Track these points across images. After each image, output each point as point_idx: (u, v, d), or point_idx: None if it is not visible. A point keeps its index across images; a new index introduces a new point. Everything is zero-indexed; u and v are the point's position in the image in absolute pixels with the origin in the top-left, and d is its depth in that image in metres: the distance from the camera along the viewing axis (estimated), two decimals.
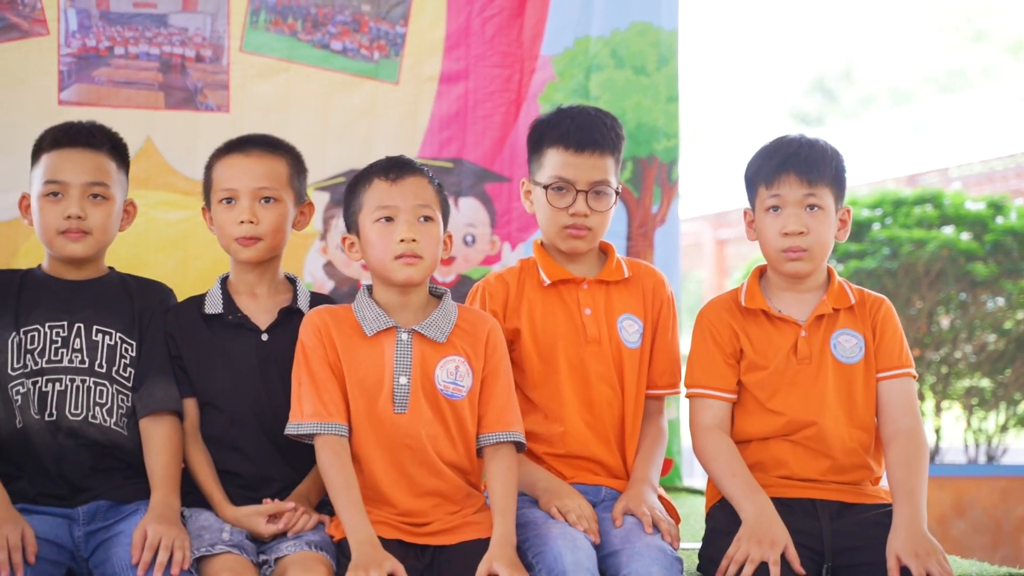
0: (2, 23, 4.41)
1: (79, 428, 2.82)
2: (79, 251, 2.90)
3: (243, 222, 2.92)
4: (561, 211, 3.03)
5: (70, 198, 2.89)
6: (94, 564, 2.71)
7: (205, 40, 4.57)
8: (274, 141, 3.05)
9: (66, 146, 2.95)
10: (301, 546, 2.70)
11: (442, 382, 2.83)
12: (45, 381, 2.83)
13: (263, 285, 3.01)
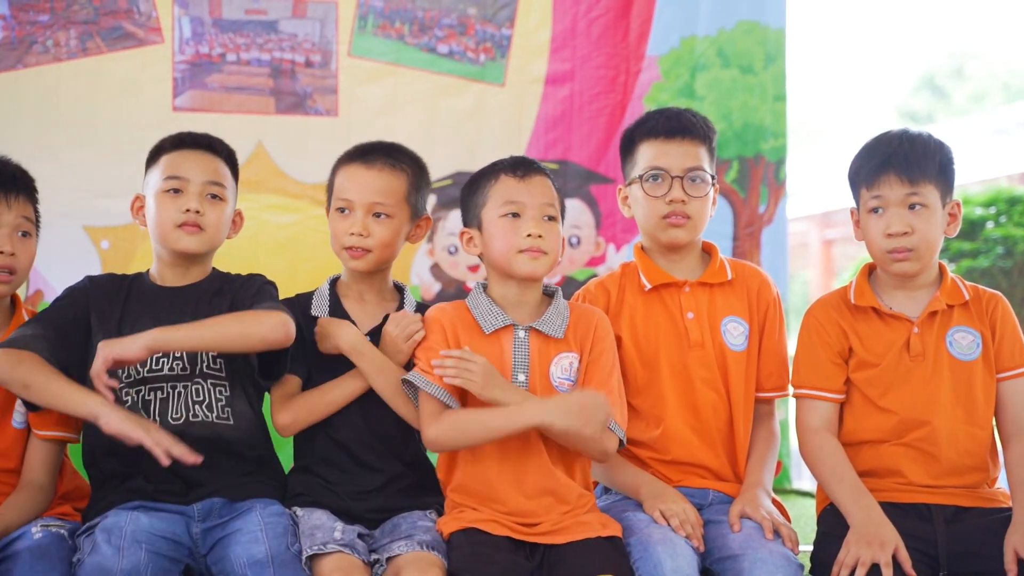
0: (119, 32, 4.52)
1: (183, 430, 2.85)
2: (193, 245, 2.95)
3: (354, 234, 2.95)
4: (658, 200, 3.02)
5: (189, 194, 2.95)
6: (211, 561, 2.75)
7: (314, 45, 4.63)
8: (399, 153, 3.05)
9: (188, 147, 3.02)
10: (413, 546, 2.71)
11: (557, 378, 2.84)
12: (148, 390, 2.89)
13: (371, 292, 3.05)
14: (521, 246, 2.81)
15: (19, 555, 2.61)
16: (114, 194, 4.53)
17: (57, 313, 2.90)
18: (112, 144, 4.55)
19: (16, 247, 2.89)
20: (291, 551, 2.68)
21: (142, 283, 3.01)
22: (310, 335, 2.96)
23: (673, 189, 3.01)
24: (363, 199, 2.96)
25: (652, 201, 3.03)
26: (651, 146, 3.04)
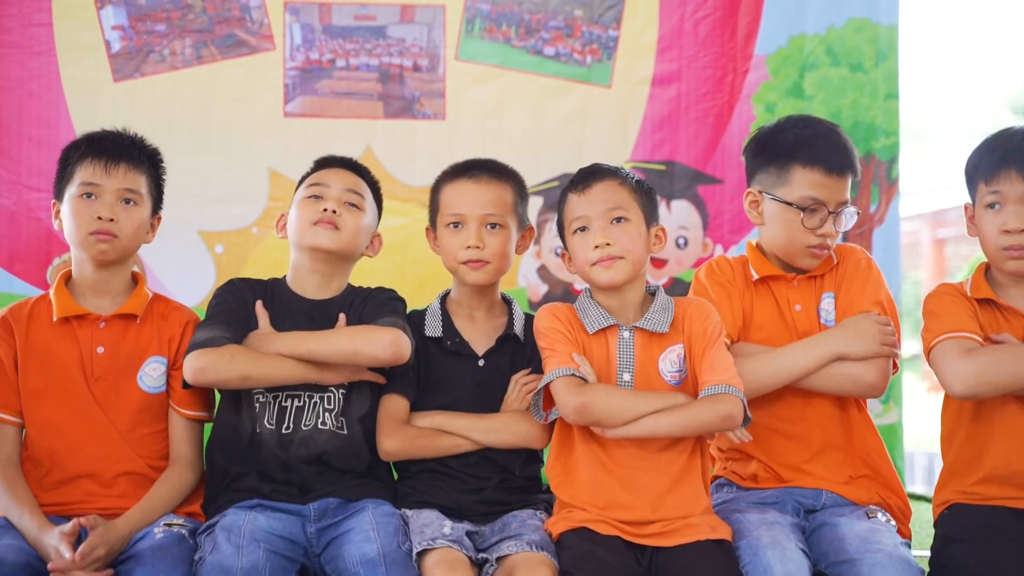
0: (232, 40, 4.61)
1: (310, 436, 2.94)
2: (327, 241, 3.00)
3: (470, 247, 2.98)
4: (808, 231, 2.98)
5: (328, 199, 3.01)
6: (325, 560, 2.79)
7: (422, 50, 4.68)
8: (500, 167, 3.10)
9: (333, 166, 3.12)
10: (522, 546, 2.72)
11: (667, 373, 2.84)
12: (285, 396, 2.96)
13: (482, 309, 3.07)
14: (592, 259, 2.84)
15: (141, 554, 2.67)
16: (227, 199, 4.62)
17: (226, 311, 2.96)
18: (225, 150, 4.64)
19: (118, 214, 2.94)
20: (402, 549, 2.71)
21: (283, 291, 3.06)
22: (423, 355, 3.00)
23: (827, 224, 2.98)
24: (475, 212, 2.99)
25: (803, 232, 2.98)
26: (812, 174, 2.98)
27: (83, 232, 2.90)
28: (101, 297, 2.97)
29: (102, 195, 2.92)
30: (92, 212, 2.90)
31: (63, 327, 2.93)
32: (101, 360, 2.92)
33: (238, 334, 2.91)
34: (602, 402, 2.76)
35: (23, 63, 4.54)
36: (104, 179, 2.92)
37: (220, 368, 2.82)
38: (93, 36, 4.56)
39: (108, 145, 2.97)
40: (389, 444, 2.94)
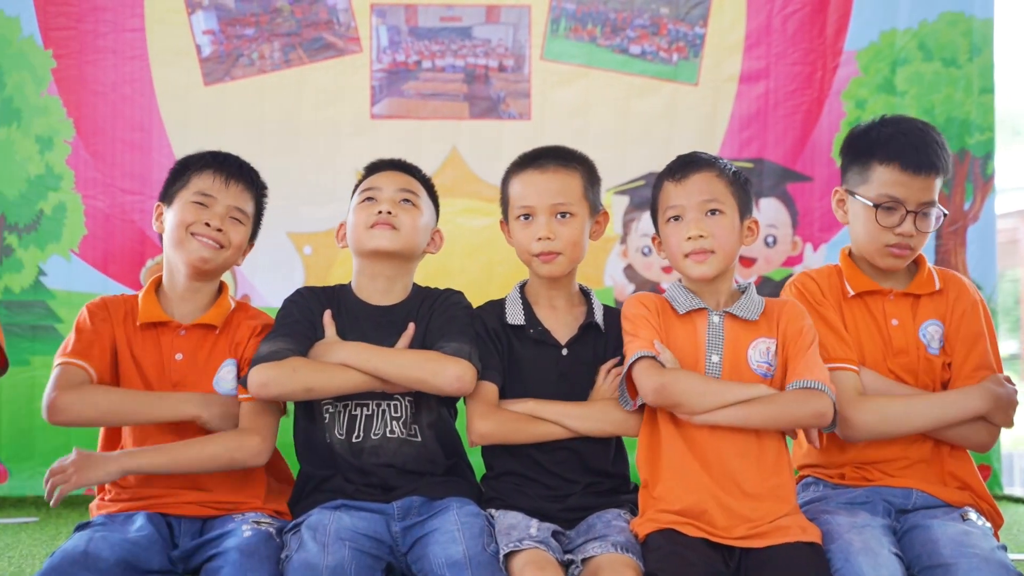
0: (319, 43, 4.65)
1: (380, 445, 2.95)
2: (386, 242, 3.00)
3: (541, 238, 2.96)
4: (886, 230, 2.94)
5: (382, 200, 3.02)
6: (412, 560, 2.79)
7: (508, 50, 4.68)
8: (567, 153, 3.07)
9: (384, 169, 3.12)
10: (608, 547, 2.71)
11: (756, 362, 2.82)
12: (354, 406, 2.97)
13: (561, 298, 3.05)
14: (684, 250, 2.83)
15: (229, 553, 2.69)
16: (316, 201, 4.67)
17: (291, 323, 2.97)
18: (313, 152, 4.69)
19: (227, 227, 2.99)
20: (488, 551, 2.70)
21: (348, 298, 3.08)
22: (506, 343, 2.98)
23: (905, 223, 2.94)
24: (544, 202, 2.97)
25: (880, 230, 2.96)
26: (890, 172, 2.95)
27: (187, 232, 2.95)
28: (186, 306, 3.01)
29: (214, 206, 2.97)
30: (202, 217, 2.95)
31: (147, 330, 2.98)
32: (179, 366, 2.96)
33: (302, 345, 2.92)
34: (682, 384, 2.74)
35: (117, 68, 4.63)
36: (221, 192, 2.98)
37: (283, 382, 2.84)
38: (184, 41, 4.63)
39: (231, 163, 3.04)
40: (483, 426, 2.91)
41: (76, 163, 4.61)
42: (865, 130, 3.05)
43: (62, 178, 4.60)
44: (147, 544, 2.77)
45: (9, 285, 4.54)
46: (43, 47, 4.58)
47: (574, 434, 2.92)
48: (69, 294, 4.60)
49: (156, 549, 2.79)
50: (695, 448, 2.79)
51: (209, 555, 2.75)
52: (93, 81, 4.61)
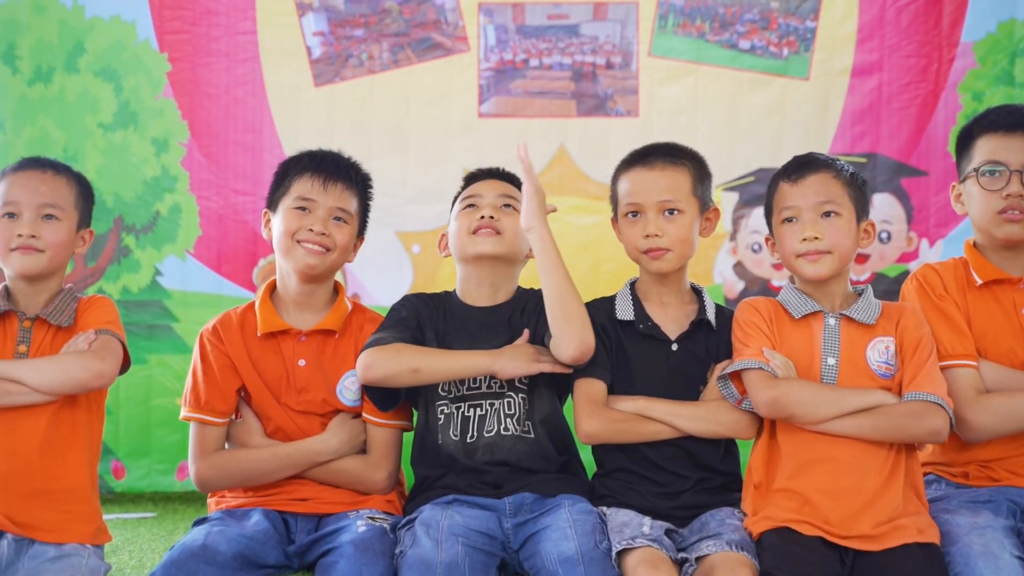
0: (428, 43, 4.68)
1: (494, 443, 2.96)
2: (489, 247, 3.01)
3: (649, 235, 2.95)
4: (993, 194, 2.91)
5: (483, 206, 3.03)
6: (524, 557, 2.79)
7: (615, 47, 4.66)
8: (676, 150, 3.05)
9: (482, 179, 3.14)
10: (722, 546, 2.68)
11: (875, 363, 2.77)
12: (467, 407, 2.98)
13: (671, 294, 3.03)
14: (798, 251, 2.82)
15: (344, 547, 2.72)
16: (424, 200, 4.69)
17: (399, 320, 3.01)
18: (421, 151, 4.71)
19: (331, 230, 3.02)
20: (600, 548, 2.69)
21: (453, 303, 3.09)
22: (616, 339, 2.97)
23: (1011, 183, 2.90)
24: (651, 199, 2.95)
25: (987, 196, 2.93)
26: (989, 140, 2.95)
27: (292, 240, 2.98)
28: (303, 311, 3.04)
29: (316, 210, 3.00)
30: (305, 224, 2.98)
31: (267, 340, 3.02)
32: (303, 373, 3.00)
33: (407, 337, 2.95)
34: (796, 395, 2.71)
35: (229, 70, 4.70)
36: (321, 195, 3.01)
37: (388, 362, 2.86)
38: (295, 43, 4.69)
39: (328, 163, 3.06)
40: (589, 426, 2.91)
41: (190, 165, 4.70)
42: (970, 122, 3.06)
43: (177, 180, 4.68)
44: (263, 539, 2.82)
45: (127, 285, 4.65)
46: (158, 51, 4.67)
47: (683, 434, 2.90)
48: (184, 294, 4.68)
49: (272, 544, 2.83)
50: (813, 448, 2.75)
51: (324, 550, 2.79)
52: (206, 84, 4.70)
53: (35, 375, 2.70)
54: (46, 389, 2.71)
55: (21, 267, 2.81)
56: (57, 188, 2.87)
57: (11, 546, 2.68)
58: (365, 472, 2.98)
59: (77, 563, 2.66)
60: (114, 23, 4.67)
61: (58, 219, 2.85)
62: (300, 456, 2.96)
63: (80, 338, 2.78)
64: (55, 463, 2.76)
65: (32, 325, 2.82)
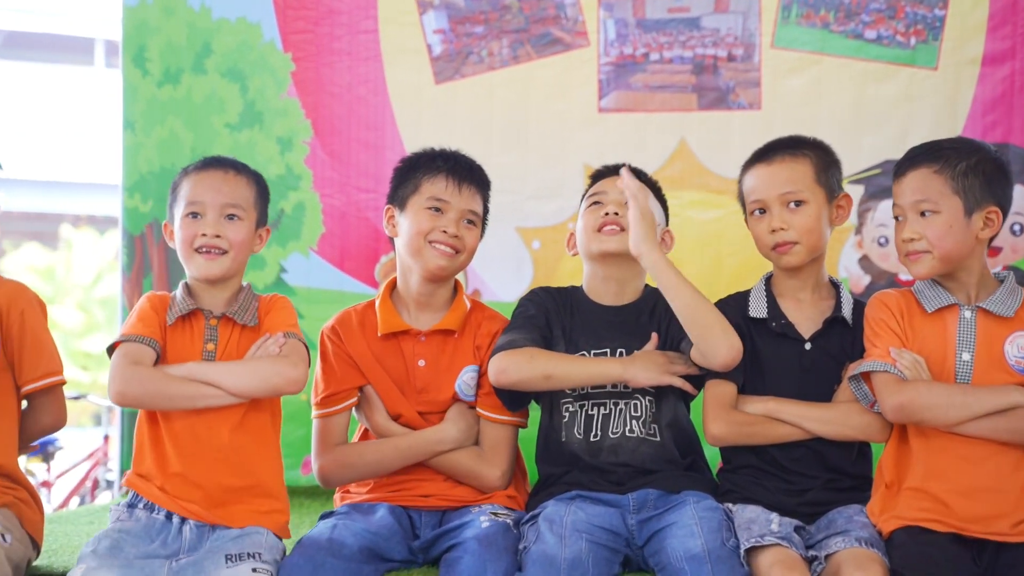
0: (547, 38, 4.67)
1: (618, 444, 2.96)
2: (613, 245, 3.00)
3: (775, 230, 2.91)
4: None
5: (609, 204, 3.03)
6: (648, 553, 2.78)
7: (737, 39, 4.60)
8: (795, 142, 3.01)
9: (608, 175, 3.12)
10: (851, 542, 2.64)
11: (1013, 357, 2.69)
12: (591, 405, 2.98)
13: (807, 290, 2.98)
14: (903, 251, 2.79)
15: (467, 543, 2.74)
16: (544, 196, 4.69)
17: (528, 317, 3.02)
18: (541, 147, 4.71)
19: (462, 232, 3.03)
20: (727, 546, 2.67)
21: (580, 299, 3.08)
22: (748, 338, 2.94)
23: None
24: (773, 193, 2.92)
25: None
26: None
27: (424, 241, 2.99)
28: (423, 311, 3.06)
29: (448, 211, 3.01)
30: (438, 225, 2.99)
31: (388, 339, 3.05)
32: (423, 373, 3.02)
33: (538, 337, 2.95)
34: (924, 399, 2.64)
35: (351, 69, 4.75)
36: (454, 197, 3.02)
37: (521, 367, 2.87)
38: (416, 41, 4.72)
39: (462, 165, 3.07)
40: (717, 429, 2.89)
41: (314, 163, 4.76)
42: None
43: (301, 178, 4.75)
44: (388, 534, 2.85)
45: (254, 282, 4.69)
46: (283, 51, 4.74)
47: (813, 437, 2.86)
48: (308, 290, 4.75)
49: (397, 539, 2.87)
50: (947, 449, 2.68)
51: (448, 545, 2.81)
52: (329, 83, 4.75)
53: (231, 379, 2.76)
54: (241, 393, 2.77)
55: (205, 271, 2.86)
56: (238, 188, 2.91)
57: (193, 531, 2.76)
58: (479, 467, 2.99)
59: (257, 540, 2.73)
60: (240, 24, 4.75)
61: (240, 219, 2.89)
62: (420, 447, 2.98)
63: (270, 341, 2.82)
64: (247, 460, 2.83)
65: (218, 323, 2.88)
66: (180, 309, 2.86)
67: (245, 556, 2.66)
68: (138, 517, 2.79)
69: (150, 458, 2.83)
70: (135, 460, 2.87)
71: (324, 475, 3.04)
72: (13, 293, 2.89)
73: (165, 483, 2.80)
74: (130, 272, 4.81)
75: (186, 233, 2.86)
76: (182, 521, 2.77)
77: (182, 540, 2.75)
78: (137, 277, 4.78)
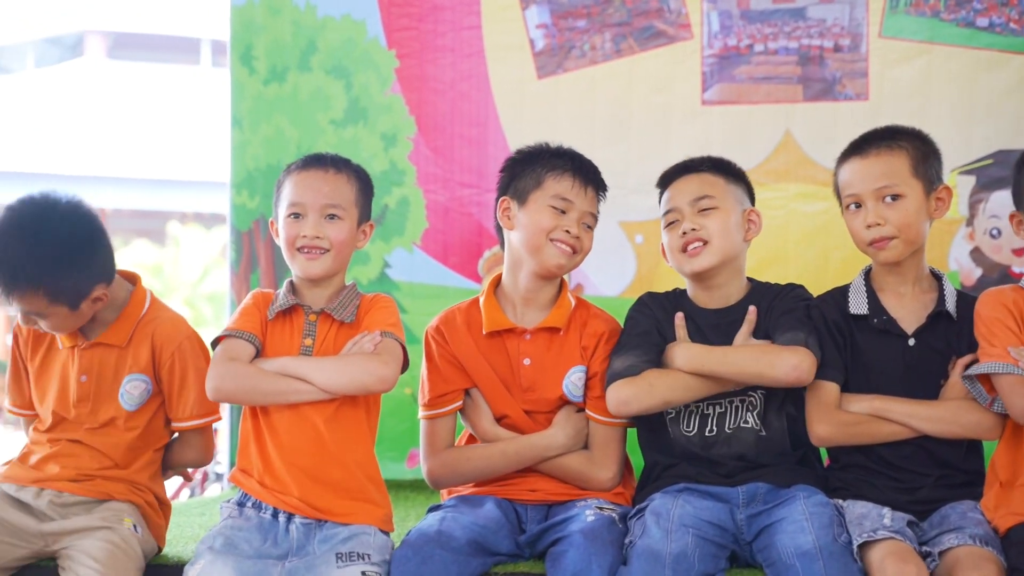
0: (650, 31, 4.65)
1: (733, 436, 2.95)
2: (701, 264, 2.98)
3: (871, 225, 2.87)
4: None
5: (684, 219, 3.01)
6: (757, 549, 2.76)
7: (843, 29, 4.54)
8: (891, 133, 2.95)
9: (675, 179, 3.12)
10: (965, 539, 2.59)
11: None
12: (706, 405, 2.96)
13: (908, 284, 2.93)
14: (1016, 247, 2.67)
15: (573, 537, 2.74)
16: (646, 190, 4.62)
17: (639, 333, 3.00)
18: (643, 141, 4.69)
19: (582, 233, 3.03)
20: (839, 542, 2.64)
21: (686, 304, 3.06)
22: (848, 335, 2.90)
23: None
24: (868, 187, 2.88)
25: None
26: None
27: (546, 239, 2.99)
28: (528, 308, 3.05)
29: (572, 212, 3.01)
30: (562, 224, 2.99)
31: (493, 337, 3.05)
32: (528, 371, 3.02)
33: (653, 354, 2.93)
34: None
35: (454, 66, 4.78)
36: (579, 198, 3.02)
37: (642, 398, 2.87)
38: (518, 36, 4.73)
39: (587, 166, 3.08)
40: (822, 430, 2.86)
41: (417, 159, 4.79)
42: None
43: (405, 174, 4.79)
44: (495, 528, 2.86)
45: (358, 277, 4.77)
46: (387, 48, 4.78)
47: (920, 435, 2.81)
48: (412, 285, 4.78)
49: (504, 533, 2.87)
50: None
51: (553, 539, 2.81)
52: (433, 79, 4.78)
53: (321, 375, 2.80)
54: (330, 389, 2.80)
55: (307, 270, 2.90)
56: (339, 187, 2.93)
57: (299, 529, 2.80)
58: (589, 470, 2.99)
59: (366, 541, 2.76)
60: (345, 21, 4.80)
61: (340, 218, 2.91)
62: (528, 452, 2.98)
63: (365, 339, 2.84)
64: (341, 452, 2.85)
65: (317, 319, 2.92)
66: (281, 305, 2.91)
67: (355, 557, 2.69)
68: (248, 515, 2.83)
69: (251, 452, 2.88)
70: (239, 455, 2.93)
71: (433, 478, 3.05)
72: (171, 330, 3.03)
73: (264, 476, 2.85)
74: (238, 268, 4.89)
75: (288, 233, 2.90)
76: (288, 520, 2.81)
77: (290, 540, 2.79)
78: (245, 272, 4.86)
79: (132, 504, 2.95)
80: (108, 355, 2.98)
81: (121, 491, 2.95)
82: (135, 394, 3.00)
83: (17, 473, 2.98)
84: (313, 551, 2.75)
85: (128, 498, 2.95)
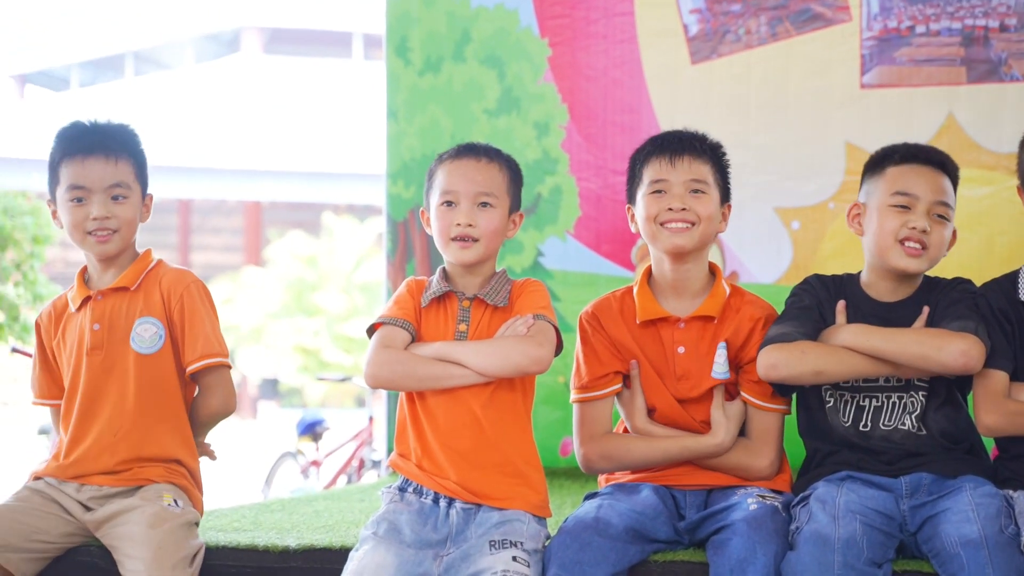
0: (807, 14, 4.58)
1: (888, 435, 2.89)
2: (914, 265, 2.91)
3: None
4: None
5: (913, 213, 2.94)
6: (921, 540, 2.71)
7: (1010, 8, 4.40)
8: None
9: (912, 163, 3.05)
10: None
11: None
12: (862, 397, 2.91)
13: None
14: None
15: (736, 525, 2.72)
16: (803, 175, 4.60)
17: (801, 308, 2.96)
18: (800, 126, 4.63)
19: (691, 203, 2.96)
20: (1006, 533, 2.57)
21: (856, 291, 3.00)
22: (1017, 323, 2.81)
23: None
24: None
25: None
26: None
27: (655, 225, 2.98)
28: (680, 296, 3.02)
29: (670, 189, 2.97)
30: (661, 205, 2.96)
31: (647, 327, 3.04)
32: (682, 360, 3.00)
33: (811, 330, 2.88)
34: None
35: (606, 52, 4.77)
36: (670, 173, 2.97)
37: (792, 364, 2.82)
38: (672, 22, 4.70)
39: (671, 140, 3.03)
40: (990, 420, 2.79)
41: (570, 147, 4.80)
42: None
43: (558, 162, 4.81)
44: (653, 515, 2.86)
45: (511, 265, 4.81)
46: (539, 36, 4.80)
47: None
48: (565, 273, 4.80)
49: (662, 520, 2.87)
50: None
51: (716, 527, 2.79)
52: (585, 67, 4.78)
53: (476, 358, 2.83)
54: (485, 372, 2.83)
55: (459, 258, 2.93)
56: (491, 176, 2.96)
57: (459, 515, 2.84)
58: (747, 460, 2.96)
59: (519, 528, 2.78)
60: (498, 11, 4.84)
61: (492, 206, 2.93)
62: (689, 453, 2.97)
63: (519, 322, 2.86)
64: (498, 435, 2.87)
65: (471, 305, 2.96)
66: (435, 291, 2.94)
67: (508, 544, 2.72)
68: (409, 500, 2.87)
69: (409, 437, 2.92)
70: (397, 440, 2.97)
71: (588, 463, 3.05)
72: (174, 280, 3.14)
73: (423, 460, 2.88)
74: (394, 257, 4.97)
75: (442, 223, 2.94)
76: (449, 505, 2.84)
77: (450, 525, 2.82)
78: (400, 262, 4.94)
79: (171, 484, 3.06)
80: (119, 302, 3.10)
81: (159, 474, 3.07)
82: (146, 336, 3.09)
83: (55, 470, 3.10)
84: (469, 537, 2.78)
85: (166, 479, 3.07)
